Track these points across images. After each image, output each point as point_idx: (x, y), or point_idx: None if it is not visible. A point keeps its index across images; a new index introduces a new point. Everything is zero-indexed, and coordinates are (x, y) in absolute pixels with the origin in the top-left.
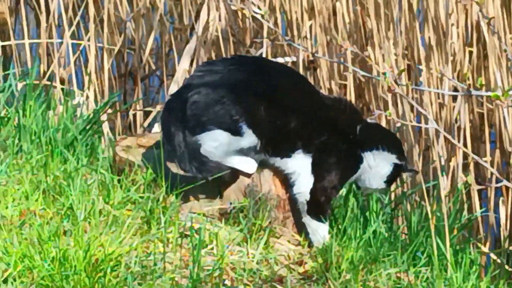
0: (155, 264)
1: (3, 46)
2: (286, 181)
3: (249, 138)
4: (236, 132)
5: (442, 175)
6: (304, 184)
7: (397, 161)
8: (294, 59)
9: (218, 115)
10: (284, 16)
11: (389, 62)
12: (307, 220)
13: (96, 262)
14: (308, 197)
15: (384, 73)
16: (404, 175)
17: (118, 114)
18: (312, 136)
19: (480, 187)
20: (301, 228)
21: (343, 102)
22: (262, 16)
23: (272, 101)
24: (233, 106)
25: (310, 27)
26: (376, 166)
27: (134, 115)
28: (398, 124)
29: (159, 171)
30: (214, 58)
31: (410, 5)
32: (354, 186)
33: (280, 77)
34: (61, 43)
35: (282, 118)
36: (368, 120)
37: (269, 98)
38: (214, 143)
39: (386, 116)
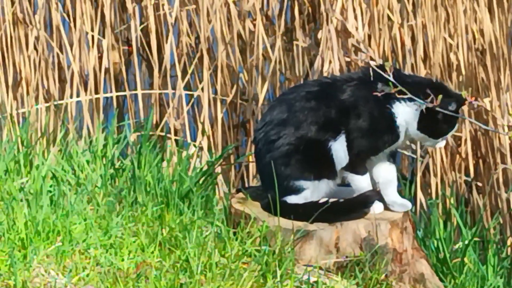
0: None
1: (117, 97)
2: None
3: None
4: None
5: None
6: (341, 159)
7: (420, 103)
8: None
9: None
10: (396, 65)
11: None
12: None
13: None
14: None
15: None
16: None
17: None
18: (337, 122)
19: None
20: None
21: (355, 73)
22: (377, 66)
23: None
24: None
25: None
26: (408, 120)
27: (247, 166)
28: None
29: (274, 223)
30: None
31: None
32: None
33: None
34: (174, 93)
35: (309, 127)
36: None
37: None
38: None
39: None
